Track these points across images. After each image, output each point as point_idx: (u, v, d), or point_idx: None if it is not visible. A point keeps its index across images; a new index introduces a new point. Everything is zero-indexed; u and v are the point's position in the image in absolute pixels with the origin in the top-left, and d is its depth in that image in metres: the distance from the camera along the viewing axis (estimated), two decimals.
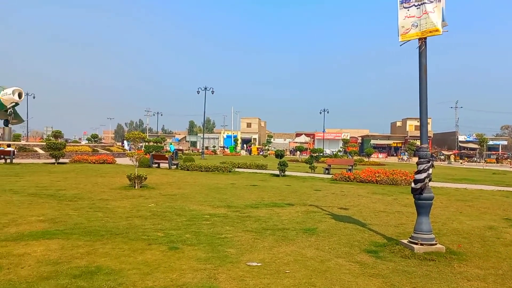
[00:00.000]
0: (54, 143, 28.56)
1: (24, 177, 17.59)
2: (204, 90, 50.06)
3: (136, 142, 16.11)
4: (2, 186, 14.06)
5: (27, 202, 10.69)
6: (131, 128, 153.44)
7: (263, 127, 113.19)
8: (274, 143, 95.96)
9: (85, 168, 23.62)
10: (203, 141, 54.51)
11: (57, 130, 44.74)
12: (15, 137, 46.18)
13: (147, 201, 11.41)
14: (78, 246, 6.31)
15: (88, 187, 14.52)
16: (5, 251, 5.94)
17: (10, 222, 8.08)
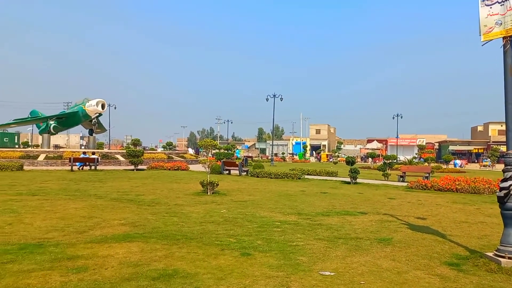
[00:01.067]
0: (133, 150, 30.34)
1: (107, 182, 18.83)
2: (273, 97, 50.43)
3: (208, 149, 16.59)
4: (88, 191, 15.16)
5: (110, 206, 11.42)
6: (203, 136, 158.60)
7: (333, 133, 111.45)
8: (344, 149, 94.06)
9: (161, 175, 24.77)
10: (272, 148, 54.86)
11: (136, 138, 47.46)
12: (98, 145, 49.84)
13: (219, 207, 11.68)
14: (156, 250, 6.60)
15: (164, 192, 15.20)
16: (91, 252, 6.38)
17: (95, 225, 8.68)
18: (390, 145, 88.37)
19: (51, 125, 41.29)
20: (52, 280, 5.05)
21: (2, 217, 9.34)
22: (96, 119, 40.64)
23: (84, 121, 42.09)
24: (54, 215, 9.80)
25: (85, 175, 23.36)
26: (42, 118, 43.62)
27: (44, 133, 42.43)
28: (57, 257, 6.01)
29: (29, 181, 18.66)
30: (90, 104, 39.47)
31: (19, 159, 30.98)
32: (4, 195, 13.29)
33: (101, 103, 39.56)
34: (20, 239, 7.17)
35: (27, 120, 45.93)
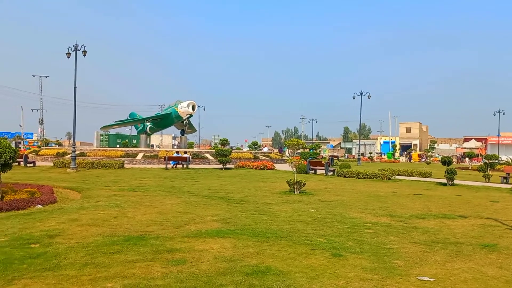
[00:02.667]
0: (221, 150, 31.42)
1: (198, 180, 19.73)
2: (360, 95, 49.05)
3: (294, 149, 16.61)
4: (182, 188, 16.00)
5: (202, 203, 11.94)
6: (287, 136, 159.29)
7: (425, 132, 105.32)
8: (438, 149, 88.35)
9: (248, 174, 25.34)
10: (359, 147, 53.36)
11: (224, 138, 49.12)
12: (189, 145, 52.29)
13: (307, 207, 11.63)
14: (248, 246, 6.76)
15: (252, 191, 15.53)
16: (188, 246, 6.72)
17: (190, 220, 9.13)
18: (490, 144, 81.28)
19: (147, 126, 44.23)
20: (154, 270, 5.41)
21: (108, 210, 10.21)
22: (187, 120, 42.66)
23: (176, 122, 44.42)
24: (153, 210, 10.49)
25: (178, 173, 24.70)
26: (139, 120, 46.90)
27: (142, 133, 45.64)
28: (158, 250, 6.42)
29: (129, 178, 20.19)
30: (181, 106, 41.55)
31: (120, 157, 33.65)
32: (109, 191, 14.52)
33: (191, 105, 41.44)
34: (125, 232, 7.78)
35: (126, 121, 49.73)
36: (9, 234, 7.36)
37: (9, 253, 6.06)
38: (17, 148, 11.45)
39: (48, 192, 12.80)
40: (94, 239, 7.08)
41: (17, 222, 8.43)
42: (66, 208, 10.46)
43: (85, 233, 7.61)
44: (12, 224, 8.27)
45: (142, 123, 46.20)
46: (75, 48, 26.43)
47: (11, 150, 10.58)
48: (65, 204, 11.39)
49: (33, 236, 7.18)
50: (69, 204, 11.28)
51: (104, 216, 9.35)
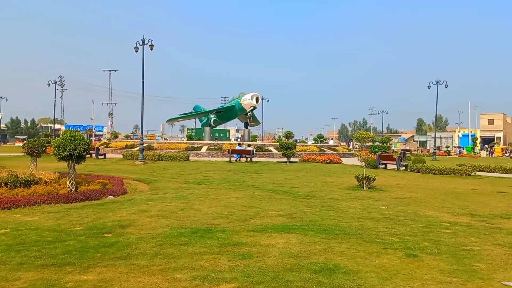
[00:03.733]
0: (286, 143, 31.48)
1: (262, 174, 19.93)
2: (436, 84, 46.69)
3: (363, 142, 16.22)
4: (246, 182, 16.26)
5: (267, 197, 12.06)
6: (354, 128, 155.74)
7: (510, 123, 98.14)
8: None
9: (313, 167, 25.16)
10: (434, 140, 50.85)
11: (288, 131, 49.02)
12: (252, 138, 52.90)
13: (377, 203, 11.34)
14: (315, 243, 6.74)
15: (318, 186, 15.42)
16: (254, 240, 6.83)
17: (255, 214, 9.27)
18: None
19: (211, 118, 45.35)
20: (221, 263, 5.57)
21: (175, 202, 10.64)
22: (251, 112, 43.18)
23: (240, 115, 45.11)
24: (218, 203, 10.77)
25: (242, 166, 25.12)
26: (203, 112, 48.22)
27: (206, 126, 46.88)
28: (224, 243, 6.60)
29: (194, 171, 20.87)
30: (245, 98, 42.08)
31: (186, 150, 34.86)
32: (175, 183, 15.12)
33: (255, 97, 41.83)
34: (192, 224, 8.07)
35: (191, 114, 51.38)
36: (84, 223, 7.92)
37: (84, 241, 6.53)
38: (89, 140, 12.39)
39: (118, 183, 13.60)
40: (162, 230, 7.43)
41: (91, 212, 9.05)
42: (136, 200, 11.05)
43: (154, 224, 8.00)
44: (87, 213, 8.89)
45: (206, 115, 47.42)
46: (142, 43, 27.68)
47: (85, 143, 11.34)
48: (134, 195, 12.03)
49: (106, 226, 7.67)
50: (138, 196, 11.90)
51: (171, 208, 9.76)
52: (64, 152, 10.90)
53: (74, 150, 10.96)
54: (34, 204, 9.59)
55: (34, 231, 7.17)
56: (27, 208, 9.28)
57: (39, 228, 7.42)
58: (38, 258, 5.58)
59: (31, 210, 9.18)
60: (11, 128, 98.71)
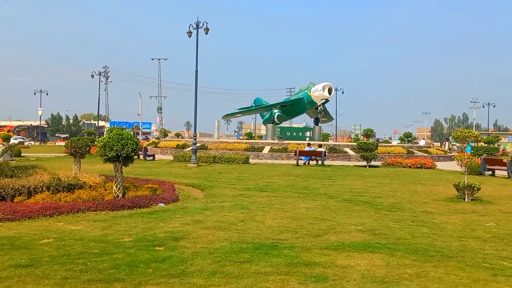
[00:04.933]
0: (365, 143, 30.93)
1: (336, 180, 19.74)
2: None
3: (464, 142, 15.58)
4: (317, 189, 16.19)
5: (343, 208, 11.93)
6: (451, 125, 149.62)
7: None
8: None
9: (400, 173, 24.52)
10: None
11: (368, 128, 47.96)
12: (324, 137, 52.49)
13: (483, 219, 10.85)
14: (405, 265, 6.56)
15: (406, 195, 15.01)
16: (329, 260, 6.78)
17: (329, 229, 9.20)
18: None
19: (275, 114, 45.53)
20: (290, 286, 5.59)
21: (234, 212, 10.82)
22: (322, 106, 42.85)
23: (309, 109, 44.92)
24: (284, 214, 10.82)
25: (312, 170, 25.03)
26: (266, 107, 48.56)
27: (268, 123, 47.16)
28: (293, 262, 6.61)
29: (255, 176, 21.10)
30: (315, 89, 41.78)
31: (245, 151, 35.32)
32: (234, 190, 15.37)
33: (327, 88, 41.38)
34: (254, 238, 8.17)
35: (251, 109, 51.92)
36: (133, 234, 8.28)
37: (134, 255, 6.82)
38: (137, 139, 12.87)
39: (169, 189, 14.06)
40: (221, 245, 7.58)
41: (140, 221, 9.44)
42: (190, 208, 11.37)
43: (211, 237, 8.19)
44: (135, 223, 9.28)
45: (269, 110, 47.74)
46: (196, 26, 28.40)
47: (133, 142, 11.83)
48: (188, 203, 12.38)
49: (157, 238, 7.96)
50: (192, 204, 12.24)
51: (230, 219, 9.94)
52: (110, 152, 11.44)
53: (122, 150, 11.46)
54: (78, 211, 10.16)
55: (79, 241, 7.59)
56: (70, 216, 9.85)
57: (84, 238, 7.85)
58: (84, 272, 5.90)
59: (75, 217, 9.74)
60: (52, 125, 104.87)
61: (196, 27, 28.44)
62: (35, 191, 11.29)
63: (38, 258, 6.45)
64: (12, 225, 8.89)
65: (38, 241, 7.58)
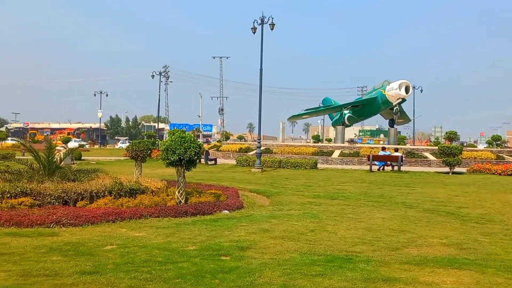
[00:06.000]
0: (447, 147, 29.95)
1: (415, 188, 19.27)
2: None
3: None
4: (394, 197, 15.87)
5: (424, 219, 11.63)
6: None
7: None
8: None
9: (488, 181, 23.58)
10: None
11: (450, 131, 46.32)
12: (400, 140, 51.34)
13: None
14: (498, 284, 6.32)
15: (496, 206, 14.43)
16: (410, 276, 6.63)
17: (409, 241, 9.00)
18: None
19: (346, 115, 45.08)
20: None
21: (303, 222, 10.81)
22: (398, 107, 41.94)
23: (383, 109, 44.15)
24: (358, 224, 10.69)
25: (387, 177, 24.56)
26: (335, 107, 48.20)
27: (338, 125, 46.76)
28: (370, 277, 6.52)
29: (324, 182, 20.99)
30: (391, 87, 40.98)
31: (312, 155, 35.21)
32: (302, 197, 15.36)
33: (404, 86, 40.47)
34: (326, 250, 8.12)
35: (319, 110, 51.75)
36: (197, 242, 8.45)
37: (199, 264, 6.97)
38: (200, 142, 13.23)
39: (233, 195, 14.26)
40: (290, 256, 7.60)
41: (204, 229, 9.62)
42: (255, 216, 11.48)
43: (279, 247, 8.22)
44: (199, 231, 9.48)
45: (338, 111, 47.36)
46: (261, 21, 28.65)
47: (196, 146, 12.09)
48: (253, 210, 12.51)
49: (223, 247, 8.09)
50: (257, 211, 12.35)
51: (299, 229, 9.94)
52: (173, 156, 11.74)
53: (184, 154, 11.74)
54: (141, 217, 10.51)
55: (142, 248, 7.85)
56: (133, 222, 10.21)
57: (148, 245, 8.11)
58: (149, 281, 6.09)
59: (138, 224, 10.08)
60: (111, 127, 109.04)
61: (261, 22, 28.71)
62: (97, 195, 11.81)
63: (103, 265, 6.74)
64: (75, 230, 9.33)
65: (101, 247, 7.92)
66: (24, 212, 10.11)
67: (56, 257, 7.19)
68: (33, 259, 7.02)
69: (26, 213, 10.06)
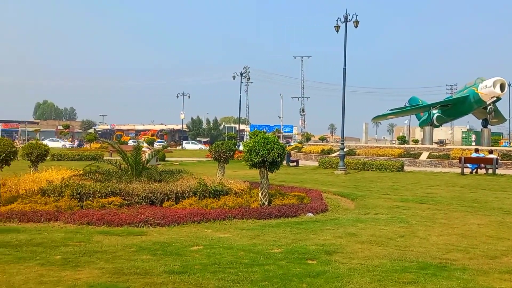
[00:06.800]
0: None
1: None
2: None
3: None
4: (489, 202, 15.16)
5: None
6: None
7: None
8: None
9: None
10: None
11: None
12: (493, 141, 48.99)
13: None
14: None
15: None
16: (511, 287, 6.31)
17: (509, 250, 8.57)
18: None
19: (434, 114, 43.70)
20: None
21: (392, 226, 10.57)
22: (492, 105, 40.08)
23: (475, 109, 42.40)
24: (451, 230, 10.31)
25: (481, 180, 23.52)
26: (423, 107, 46.83)
27: (425, 125, 45.43)
28: (467, 286, 6.29)
29: (412, 185, 20.43)
30: (484, 85, 39.24)
31: (398, 157, 34.37)
32: (389, 201, 15.02)
33: (499, 83, 38.61)
34: (418, 256, 7.89)
35: (405, 109, 50.51)
36: (282, 245, 8.49)
37: (285, 267, 6.98)
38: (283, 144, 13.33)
39: (317, 197, 14.18)
40: (379, 262, 7.44)
41: (288, 232, 9.65)
42: (341, 219, 11.36)
43: (367, 252, 8.09)
44: (284, 233, 9.51)
45: (426, 111, 46.02)
46: (345, 19, 28.34)
47: (279, 147, 12.13)
48: (338, 214, 12.39)
49: (309, 251, 8.07)
50: (343, 215, 12.22)
51: (387, 233, 9.73)
52: (256, 157, 11.84)
53: (268, 155, 11.81)
54: (225, 218, 10.69)
55: (228, 250, 7.98)
56: (217, 223, 10.41)
57: (233, 247, 8.23)
58: (236, 283, 6.18)
59: (222, 225, 10.27)
60: (192, 129, 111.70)
61: (345, 20, 28.38)
62: (182, 196, 12.15)
63: (190, 266, 6.91)
64: (163, 230, 9.65)
65: (188, 247, 8.13)
66: (114, 212, 10.61)
67: (145, 256, 7.48)
68: (124, 257, 7.34)
69: (116, 212, 10.56)
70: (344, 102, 30.00)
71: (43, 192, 11.89)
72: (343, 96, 30.02)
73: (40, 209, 10.71)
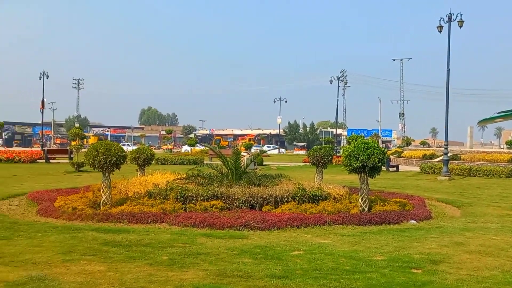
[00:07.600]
0: None
1: None
2: None
3: None
4: None
5: None
6: None
7: None
8: None
9: None
10: None
11: None
12: None
13: None
14: None
15: None
16: None
17: None
18: None
19: None
20: None
21: (503, 236, 10.02)
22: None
23: None
24: None
25: None
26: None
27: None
28: None
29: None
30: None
31: (507, 163, 32.48)
32: (498, 209, 14.26)
33: None
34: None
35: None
36: (384, 252, 8.30)
37: (389, 276, 6.82)
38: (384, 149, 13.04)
39: (419, 204, 13.76)
40: (490, 273, 7.08)
41: (391, 239, 9.43)
42: (446, 228, 10.93)
43: (476, 263, 7.72)
44: (386, 240, 9.30)
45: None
46: (448, 19, 27.27)
47: (380, 152, 11.90)
48: (443, 221, 11.94)
49: (413, 259, 7.83)
50: (448, 222, 11.75)
51: (498, 243, 9.24)
52: (356, 162, 11.69)
53: (368, 160, 11.61)
54: (324, 223, 10.65)
55: (329, 256, 7.93)
56: (317, 228, 10.39)
57: (334, 253, 8.17)
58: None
59: (322, 230, 10.24)
60: (289, 133, 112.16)
61: (448, 20, 27.31)
62: (281, 201, 12.23)
63: (291, 270, 6.95)
64: (263, 234, 9.78)
65: (289, 252, 8.19)
66: (215, 215, 10.90)
67: (247, 259, 7.61)
68: (227, 260, 7.53)
69: (217, 215, 10.84)
70: (448, 105, 28.84)
71: (149, 195, 12.46)
72: (447, 99, 28.86)
73: (148, 211, 11.26)
